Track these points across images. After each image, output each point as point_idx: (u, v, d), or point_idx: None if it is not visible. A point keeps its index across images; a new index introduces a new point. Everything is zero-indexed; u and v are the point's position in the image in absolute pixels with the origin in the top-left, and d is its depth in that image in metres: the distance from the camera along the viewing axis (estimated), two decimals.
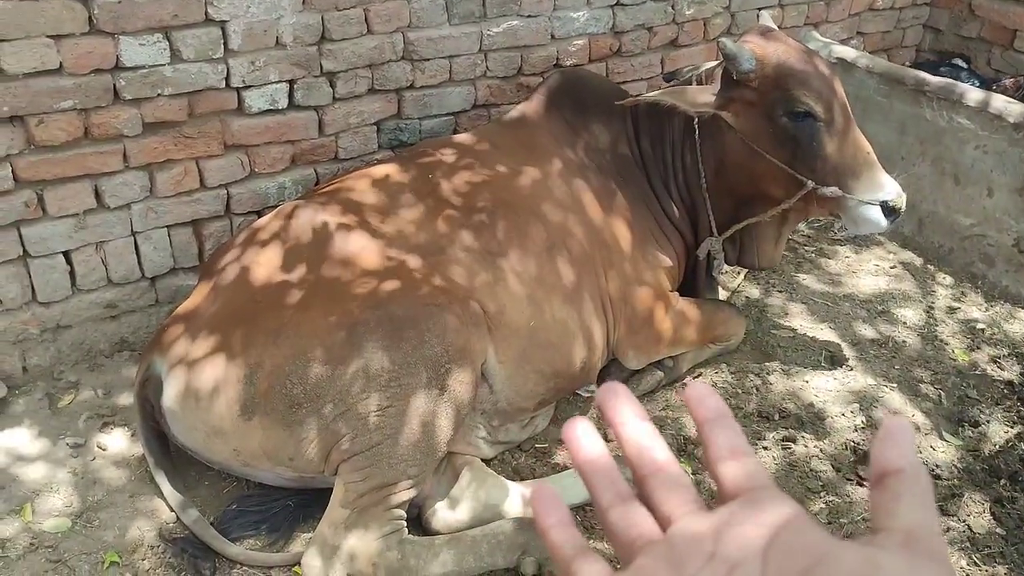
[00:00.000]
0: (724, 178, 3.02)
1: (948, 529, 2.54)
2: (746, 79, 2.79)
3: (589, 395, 3.04)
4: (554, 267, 2.76)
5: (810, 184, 2.80)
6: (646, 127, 3.14)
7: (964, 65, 4.69)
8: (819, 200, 2.86)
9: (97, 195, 2.89)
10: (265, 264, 2.52)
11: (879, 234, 3.05)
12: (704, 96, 2.90)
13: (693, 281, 3.30)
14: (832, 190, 2.79)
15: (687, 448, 2.83)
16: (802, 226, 4.02)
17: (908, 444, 0.51)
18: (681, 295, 3.16)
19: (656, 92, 2.94)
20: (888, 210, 2.81)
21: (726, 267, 3.27)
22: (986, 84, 4.39)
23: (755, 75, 2.78)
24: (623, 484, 0.54)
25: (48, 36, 2.62)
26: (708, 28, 4.03)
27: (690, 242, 3.20)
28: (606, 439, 0.59)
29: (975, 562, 2.45)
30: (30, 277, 2.87)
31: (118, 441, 2.75)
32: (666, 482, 0.54)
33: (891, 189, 2.82)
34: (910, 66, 4.40)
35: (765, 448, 2.83)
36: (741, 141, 2.88)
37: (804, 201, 2.88)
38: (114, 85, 2.77)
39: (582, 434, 0.57)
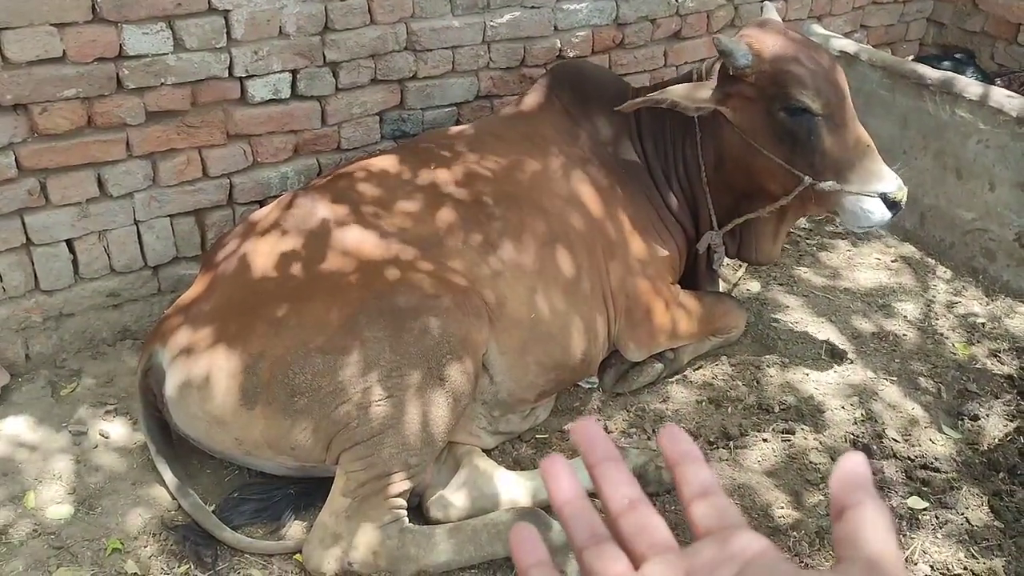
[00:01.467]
0: (723, 173, 3.02)
1: (946, 522, 2.55)
2: (742, 74, 2.77)
3: (589, 387, 3.05)
4: (555, 259, 2.77)
5: (807, 180, 2.77)
6: (647, 120, 3.14)
7: (967, 60, 4.67)
8: (817, 196, 2.83)
9: (100, 184, 2.89)
10: (266, 254, 2.52)
11: (880, 228, 3.04)
12: (703, 92, 2.88)
13: (694, 274, 3.30)
14: (829, 185, 2.76)
15: None
16: (802, 220, 4.02)
17: (866, 479, 0.54)
18: (682, 288, 3.16)
19: (655, 92, 2.93)
20: (889, 203, 2.78)
21: (726, 260, 3.27)
22: (989, 79, 4.38)
23: (752, 70, 2.75)
24: (599, 524, 0.57)
25: (51, 24, 2.62)
26: (711, 20, 4.03)
27: (691, 235, 3.21)
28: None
29: (973, 555, 2.46)
30: (33, 265, 2.88)
31: (120, 429, 2.76)
32: (639, 522, 0.56)
33: (891, 181, 2.79)
34: (913, 60, 4.39)
35: (765, 440, 2.84)
36: (739, 136, 2.87)
37: (802, 197, 2.86)
38: (117, 74, 2.77)
39: (560, 473, 0.59)
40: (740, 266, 3.67)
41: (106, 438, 2.72)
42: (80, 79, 2.71)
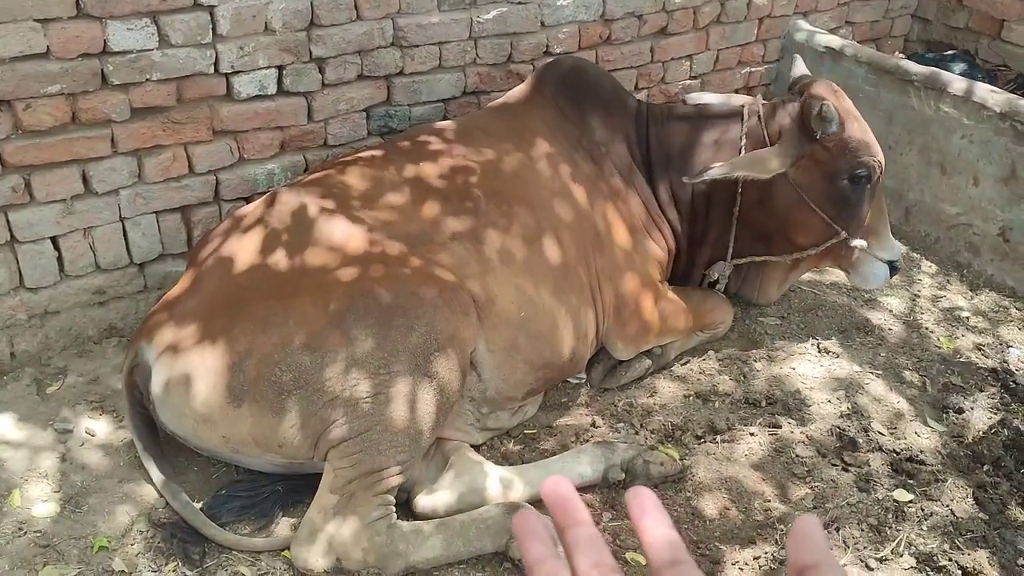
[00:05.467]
0: (757, 214, 3.08)
1: (931, 514, 2.57)
2: (825, 140, 2.90)
3: (578, 382, 3.06)
4: (544, 256, 2.77)
5: (843, 234, 2.99)
6: (665, 138, 3.15)
7: (965, 58, 4.65)
8: (836, 252, 3.07)
9: (85, 180, 2.88)
10: (253, 251, 2.52)
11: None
12: (773, 162, 2.91)
13: (684, 281, 3.32)
14: (860, 242, 3.01)
15: (674, 435, 2.85)
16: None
17: (821, 539, 0.56)
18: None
19: (734, 164, 2.92)
20: (892, 268, 3.16)
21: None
22: (991, 78, 4.36)
23: (834, 138, 2.89)
24: None
25: (35, 20, 2.60)
26: (698, 16, 4.04)
27: (683, 245, 3.22)
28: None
29: (958, 546, 2.48)
30: (17, 263, 2.86)
31: (106, 427, 2.75)
32: None
33: (899, 250, 3.13)
34: (906, 58, 4.38)
35: (751, 434, 2.86)
36: (793, 189, 2.96)
37: (824, 250, 3.07)
38: (102, 70, 2.75)
39: (533, 531, 0.58)
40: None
41: (92, 436, 2.71)
42: (64, 75, 2.69)
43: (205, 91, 2.96)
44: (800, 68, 3.24)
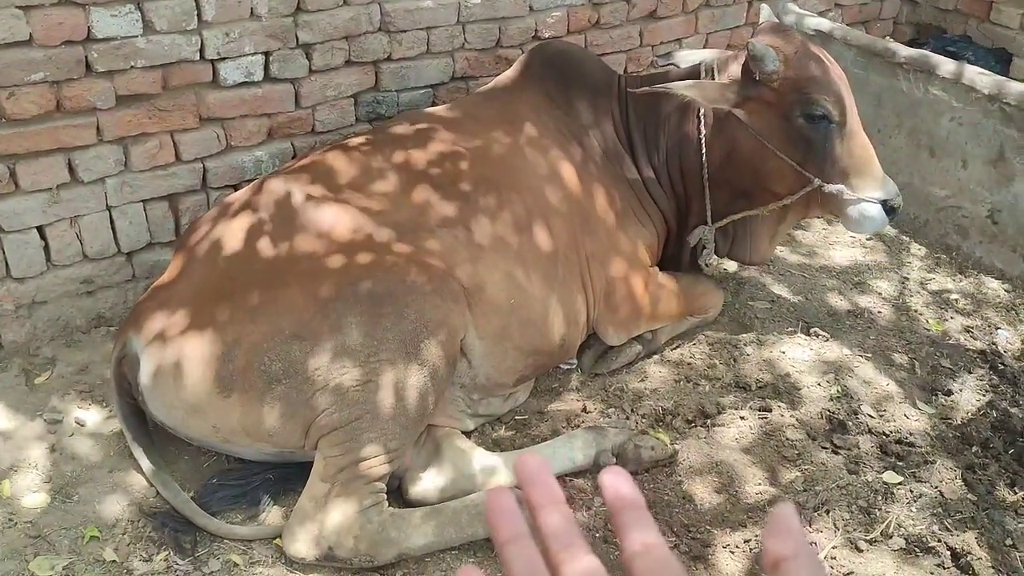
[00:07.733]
0: (729, 171, 3.01)
1: (921, 495, 2.59)
2: (768, 80, 2.81)
3: (568, 368, 3.06)
4: (534, 243, 2.76)
5: (816, 182, 2.83)
6: (639, 110, 3.12)
7: (966, 42, 4.62)
8: (822, 198, 2.89)
9: (71, 169, 2.85)
10: (241, 239, 2.50)
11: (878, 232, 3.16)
12: (722, 93, 2.89)
13: (675, 265, 3.30)
14: (838, 188, 2.83)
15: (665, 419, 2.86)
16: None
17: (797, 530, 0.55)
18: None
19: (675, 84, 2.90)
20: (888, 209, 2.88)
21: (715, 258, 3.28)
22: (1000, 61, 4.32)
23: (777, 76, 2.80)
24: (540, 568, 0.55)
25: (17, 7, 2.57)
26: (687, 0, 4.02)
27: (672, 226, 3.21)
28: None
29: (946, 528, 2.50)
30: (4, 253, 2.84)
31: (96, 417, 2.74)
32: (582, 568, 0.55)
33: (891, 189, 2.89)
34: (919, 46, 4.35)
35: (742, 418, 2.87)
36: (753, 138, 2.89)
37: (806, 199, 2.93)
38: (86, 57, 2.73)
39: (504, 509, 0.57)
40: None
41: (82, 426, 2.70)
42: (48, 63, 2.67)
43: (191, 78, 2.94)
44: (765, 17, 3.18)
